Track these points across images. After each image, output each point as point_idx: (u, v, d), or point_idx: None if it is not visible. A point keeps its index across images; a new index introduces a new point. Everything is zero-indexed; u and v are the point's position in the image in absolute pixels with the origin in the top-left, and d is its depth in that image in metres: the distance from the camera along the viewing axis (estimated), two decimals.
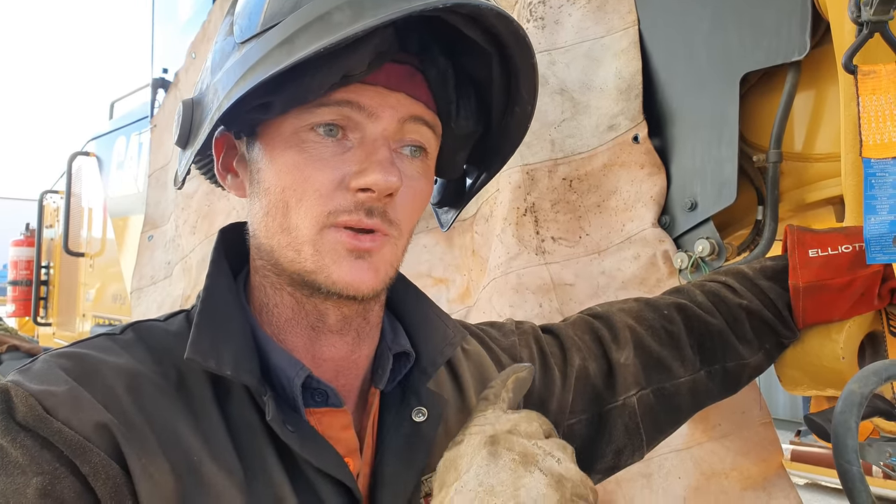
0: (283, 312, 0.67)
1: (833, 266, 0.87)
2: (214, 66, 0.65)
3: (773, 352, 0.96)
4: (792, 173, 1.14)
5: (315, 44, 0.55)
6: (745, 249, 1.17)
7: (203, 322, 0.64)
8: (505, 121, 0.74)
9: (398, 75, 0.64)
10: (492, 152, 0.78)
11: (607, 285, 1.25)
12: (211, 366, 0.61)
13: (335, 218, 0.62)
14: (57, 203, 4.89)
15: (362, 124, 0.63)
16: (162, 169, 2.57)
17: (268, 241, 0.65)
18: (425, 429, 0.69)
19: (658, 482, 1.21)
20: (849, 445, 0.59)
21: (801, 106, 1.12)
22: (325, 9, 0.57)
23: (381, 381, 0.70)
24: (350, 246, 0.62)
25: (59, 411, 0.54)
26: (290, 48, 0.57)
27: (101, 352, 0.61)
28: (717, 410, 1.17)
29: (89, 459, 0.54)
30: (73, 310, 4.26)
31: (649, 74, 1.26)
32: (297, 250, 0.63)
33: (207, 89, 0.65)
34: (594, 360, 0.88)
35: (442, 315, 0.77)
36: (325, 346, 0.68)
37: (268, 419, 0.60)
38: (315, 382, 0.65)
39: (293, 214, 0.62)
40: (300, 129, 0.62)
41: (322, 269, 0.63)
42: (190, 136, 0.67)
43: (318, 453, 0.62)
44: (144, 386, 0.59)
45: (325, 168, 0.62)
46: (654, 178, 1.22)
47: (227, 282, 0.68)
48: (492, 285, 1.33)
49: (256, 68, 0.58)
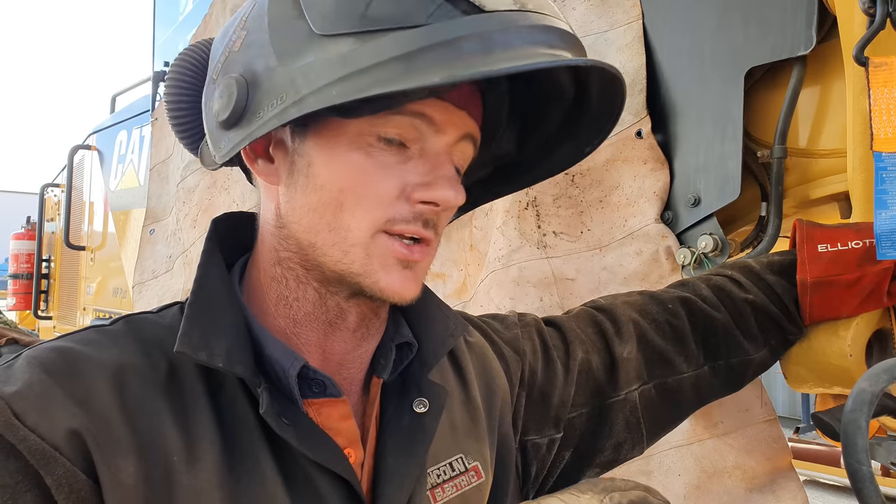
0: (302, 307, 0.66)
1: (842, 262, 0.86)
2: (281, 50, 0.58)
3: (779, 348, 0.95)
4: (796, 169, 1.12)
5: (443, 71, 0.52)
6: (749, 246, 1.15)
7: (194, 314, 0.62)
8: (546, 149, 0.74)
9: (465, 93, 0.64)
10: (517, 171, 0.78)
11: (609, 281, 1.24)
12: (202, 358, 0.59)
13: (392, 225, 0.61)
14: (58, 197, 4.88)
15: (426, 136, 0.62)
16: (163, 162, 2.56)
17: (308, 236, 0.63)
18: (427, 420, 0.68)
19: (658, 479, 1.20)
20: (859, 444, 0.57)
21: (806, 101, 1.11)
22: (451, 35, 0.54)
23: (384, 371, 0.70)
24: (401, 256, 0.62)
25: (29, 416, 0.52)
26: (408, 66, 0.53)
27: (88, 345, 0.59)
28: (719, 408, 1.15)
29: (53, 471, 0.52)
30: (73, 303, 4.26)
31: (653, 69, 1.24)
32: (344, 251, 0.61)
33: (272, 73, 0.58)
34: (597, 353, 0.87)
35: (443, 307, 0.77)
36: (336, 341, 0.67)
37: (261, 412, 0.59)
38: (312, 373, 0.64)
39: (346, 215, 0.61)
40: (367, 133, 0.60)
41: (370, 273, 0.62)
42: (243, 117, 0.61)
43: (316, 446, 0.61)
44: (130, 381, 0.58)
45: (389, 176, 0.61)
46: (658, 174, 1.21)
47: (220, 272, 0.67)
48: (491, 277, 1.31)
49: (365, 76, 0.53)
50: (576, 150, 0.73)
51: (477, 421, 0.76)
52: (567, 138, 0.73)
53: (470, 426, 0.75)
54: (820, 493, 5.50)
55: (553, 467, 0.84)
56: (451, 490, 0.70)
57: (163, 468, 0.55)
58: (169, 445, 0.56)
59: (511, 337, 0.86)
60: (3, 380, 0.54)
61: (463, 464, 0.72)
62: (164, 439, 0.56)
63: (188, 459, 0.56)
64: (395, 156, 0.61)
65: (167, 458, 0.56)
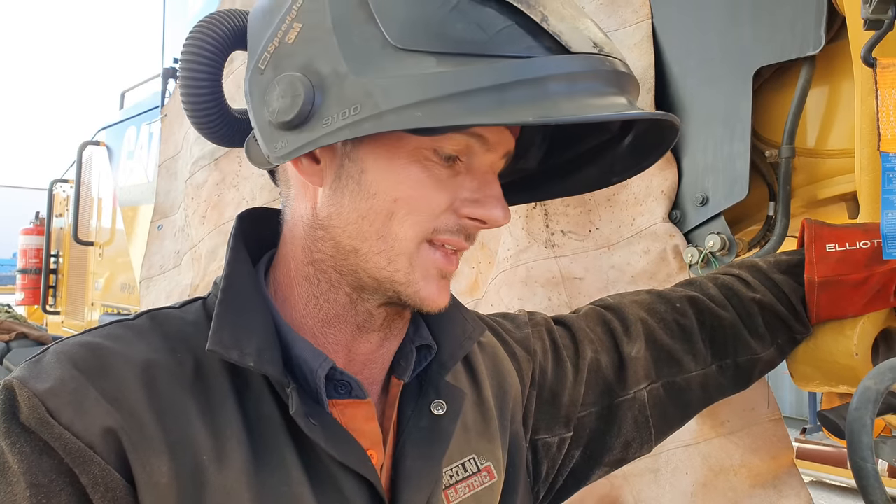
0: (332, 308, 0.66)
1: (850, 262, 0.86)
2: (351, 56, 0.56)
3: (786, 347, 0.95)
4: (804, 169, 1.13)
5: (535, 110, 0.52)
6: (756, 245, 1.16)
7: (224, 312, 0.62)
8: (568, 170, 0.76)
9: None
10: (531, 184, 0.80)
11: (617, 280, 1.25)
12: (234, 357, 0.59)
13: (437, 235, 0.62)
14: (67, 192, 4.92)
15: (477, 153, 0.63)
16: (172, 159, 2.58)
17: (352, 241, 0.62)
18: (444, 422, 0.69)
19: (666, 477, 1.21)
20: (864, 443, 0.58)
21: (814, 101, 1.11)
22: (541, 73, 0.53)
23: (405, 373, 0.70)
24: (442, 266, 0.64)
25: (63, 414, 0.52)
26: (501, 99, 0.52)
27: (115, 341, 0.59)
28: (726, 407, 1.16)
29: (88, 469, 0.52)
30: (81, 299, 4.29)
31: (662, 68, 1.25)
32: (389, 259, 0.62)
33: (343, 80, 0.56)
34: (606, 352, 0.88)
35: (461, 308, 0.77)
36: (362, 343, 0.68)
37: (291, 412, 0.59)
38: (339, 374, 0.64)
39: (395, 224, 0.61)
40: (425, 147, 0.60)
41: (411, 283, 0.63)
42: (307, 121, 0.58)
43: (342, 447, 0.61)
44: (159, 377, 0.57)
45: (443, 190, 0.62)
46: (666, 173, 1.21)
47: (248, 270, 0.66)
48: (500, 277, 1.32)
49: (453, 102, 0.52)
50: (601, 177, 0.75)
51: (489, 421, 0.76)
52: (595, 163, 0.74)
53: (482, 427, 0.75)
54: (826, 494, 5.49)
55: (563, 466, 0.85)
56: (464, 491, 0.70)
57: (193, 467, 0.55)
58: (198, 444, 0.56)
59: (522, 337, 0.87)
60: (33, 375, 0.54)
61: (475, 464, 0.72)
62: (193, 438, 0.56)
63: (217, 458, 0.56)
64: (447, 170, 0.62)
65: (197, 458, 0.56)
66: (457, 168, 0.63)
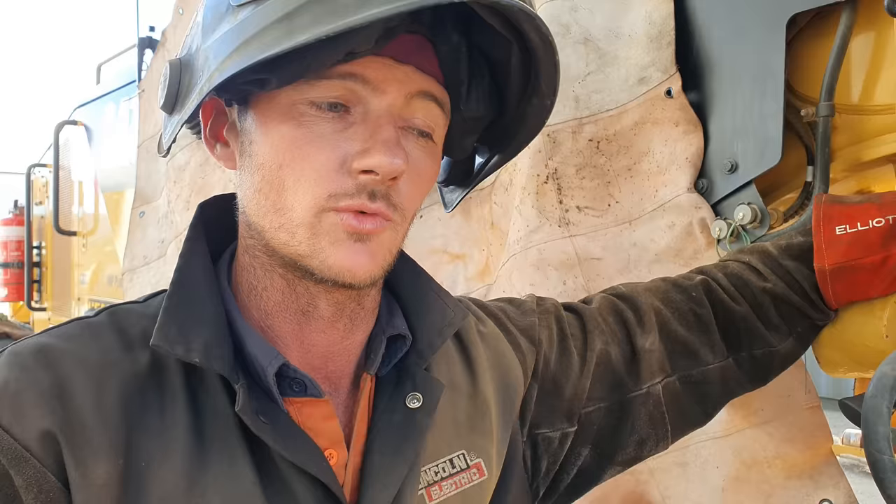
0: (272, 296, 0.67)
1: (863, 243, 0.83)
2: (206, 27, 0.62)
3: (807, 335, 0.94)
4: (846, 128, 1.08)
5: (317, 27, 0.53)
6: (793, 215, 1.12)
7: (172, 306, 0.63)
8: (521, 108, 0.72)
9: (408, 46, 0.62)
10: (507, 136, 0.76)
11: (639, 258, 1.21)
12: (178, 352, 0.60)
13: (336, 202, 0.60)
14: (46, 177, 4.90)
15: (366, 98, 0.61)
16: (152, 138, 2.55)
17: (259, 220, 0.64)
18: (419, 416, 0.69)
19: (694, 471, 1.19)
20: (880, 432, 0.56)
21: (857, 51, 1.05)
22: None
23: (372, 366, 0.70)
24: (350, 228, 0.61)
25: (3, 416, 0.55)
26: (289, 27, 0.54)
27: (69, 341, 0.61)
28: (760, 394, 1.13)
29: (24, 471, 0.55)
30: (67, 293, 4.30)
31: (683, 19, 1.19)
32: (290, 233, 0.62)
33: (198, 52, 0.63)
34: (617, 344, 0.87)
35: (442, 293, 0.76)
36: (314, 333, 0.68)
37: (237, 409, 0.60)
38: (292, 371, 0.64)
39: (289, 194, 0.61)
40: (298, 101, 0.61)
41: (317, 252, 0.62)
42: (177, 101, 0.65)
43: (293, 447, 0.62)
44: (108, 380, 0.60)
45: (325, 146, 0.60)
46: (690, 137, 1.17)
47: (203, 262, 0.68)
48: (511, 262, 1.29)
49: (252, 43, 0.56)
50: (541, 105, 0.71)
51: (483, 416, 0.76)
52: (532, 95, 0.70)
53: (475, 422, 0.75)
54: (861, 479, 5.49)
55: (568, 464, 0.85)
56: (449, 488, 0.71)
57: (134, 469, 0.58)
58: (142, 445, 0.58)
59: (527, 325, 0.86)
60: None
61: (465, 460, 0.73)
62: (137, 439, 0.59)
63: (160, 459, 0.58)
64: (332, 123, 0.61)
65: (138, 458, 0.58)
66: (349, 120, 0.61)
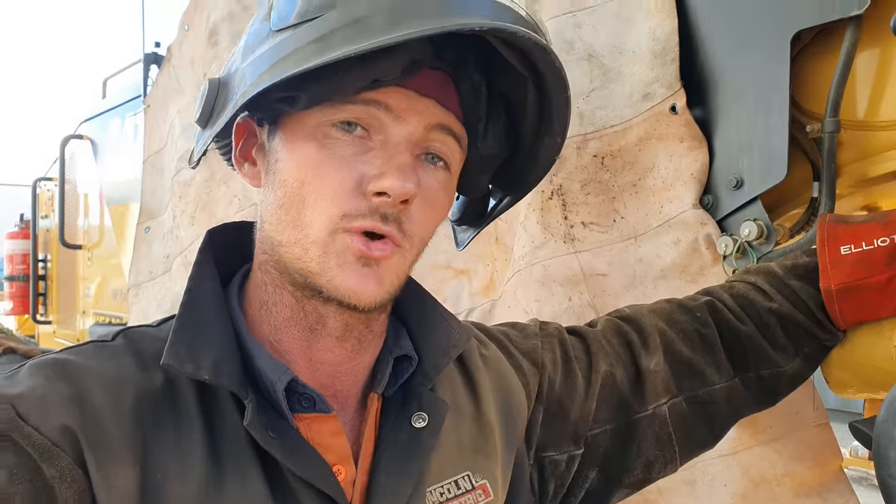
0: (281, 311, 0.69)
1: (868, 263, 0.84)
2: (247, 49, 0.67)
3: (815, 355, 0.94)
4: (852, 144, 1.08)
5: (348, 46, 0.57)
6: (800, 231, 1.12)
7: (181, 327, 0.66)
8: (534, 147, 0.75)
9: (431, 81, 0.66)
10: (518, 176, 0.79)
11: (644, 274, 1.21)
12: (188, 370, 0.63)
13: (349, 222, 0.63)
14: (51, 191, 4.94)
15: (387, 126, 0.64)
16: (157, 154, 2.56)
17: (276, 234, 0.67)
18: (425, 435, 0.70)
19: (703, 490, 1.19)
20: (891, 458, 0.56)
21: (862, 67, 1.06)
22: (364, 12, 0.60)
23: (379, 385, 0.72)
24: (359, 252, 0.63)
25: (31, 416, 0.58)
26: (322, 46, 0.59)
27: (87, 359, 0.64)
28: (768, 412, 1.13)
29: (56, 463, 0.58)
30: (72, 306, 4.32)
31: (687, 34, 1.20)
32: (304, 248, 0.65)
33: (236, 72, 0.67)
34: (622, 366, 0.88)
35: (447, 315, 0.79)
36: (322, 350, 0.70)
37: (245, 423, 0.62)
38: (300, 387, 0.67)
39: (308, 211, 0.64)
40: (323, 123, 0.64)
41: (325, 271, 0.64)
42: (211, 117, 0.69)
43: (302, 462, 0.63)
44: (126, 395, 0.62)
45: (344, 167, 0.63)
46: (695, 153, 1.17)
47: (212, 285, 0.70)
48: (516, 278, 1.30)
49: (286, 61, 0.60)
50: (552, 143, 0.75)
51: (487, 438, 0.78)
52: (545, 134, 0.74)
53: (479, 444, 0.77)
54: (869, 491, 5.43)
55: (575, 486, 0.85)
56: None
57: (151, 478, 0.60)
58: (158, 457, 0.61)
59: (529, 348, 0.87)
60: (8, 385, 0.60)
61: (470, 482, 0.74)
62: (153, 450, 0.61)
63: (177, 473, 0.61)
64: (353, 147, 0.64)
65: (155, 469, 0.60)
66: (368, 145, 0.64)
